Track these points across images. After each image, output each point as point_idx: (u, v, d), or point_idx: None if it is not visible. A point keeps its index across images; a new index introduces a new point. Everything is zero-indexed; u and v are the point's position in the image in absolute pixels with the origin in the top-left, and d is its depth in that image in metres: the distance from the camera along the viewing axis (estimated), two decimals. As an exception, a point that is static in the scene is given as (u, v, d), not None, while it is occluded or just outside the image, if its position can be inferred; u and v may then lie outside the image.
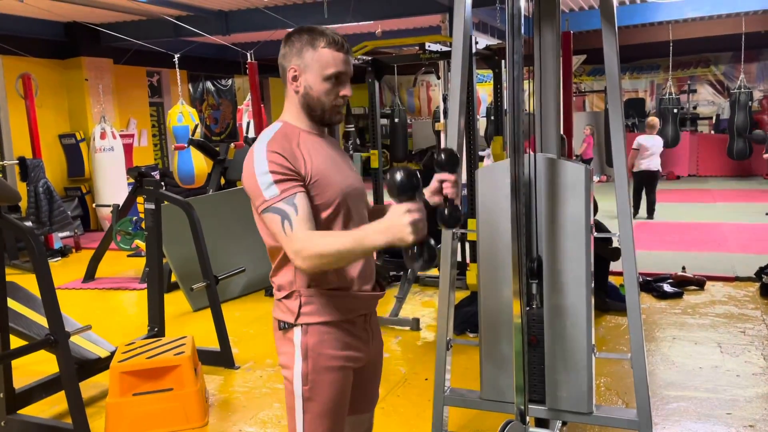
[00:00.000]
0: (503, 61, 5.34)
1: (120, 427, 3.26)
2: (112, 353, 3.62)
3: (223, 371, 4.14)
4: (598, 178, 13.04)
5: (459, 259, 5.68)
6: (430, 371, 3.89)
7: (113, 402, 3.27)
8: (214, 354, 4.21)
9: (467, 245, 5.78)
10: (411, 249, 1.46)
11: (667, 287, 5.38)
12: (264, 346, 4.55)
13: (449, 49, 5.54)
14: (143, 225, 5.23)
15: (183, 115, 8.30)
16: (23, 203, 7.49)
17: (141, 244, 6.10)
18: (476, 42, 5.02)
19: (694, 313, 4.93)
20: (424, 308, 5.30)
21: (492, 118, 6.79)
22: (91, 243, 8.08)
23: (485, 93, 13.20)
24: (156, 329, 4.02)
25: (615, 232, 2.35)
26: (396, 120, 13.45)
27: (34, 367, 3.99)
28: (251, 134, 9.16)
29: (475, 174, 2.59)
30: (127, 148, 10.03)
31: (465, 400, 2.59)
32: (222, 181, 7.80)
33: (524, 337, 2.18)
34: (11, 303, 3.44)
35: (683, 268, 5.72)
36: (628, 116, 13.26)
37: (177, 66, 8.32)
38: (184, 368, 3.34)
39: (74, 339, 3.53)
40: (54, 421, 3.46)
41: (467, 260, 5.76)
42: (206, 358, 4.11)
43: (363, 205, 1.85)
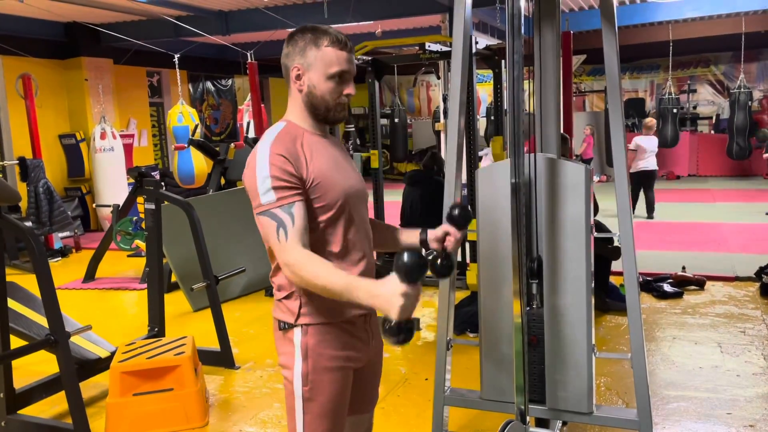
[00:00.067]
0: (503, 61, 5.34)
1: (120, 427, 3.26)
2: (113, 353, 3.62)
3: (223, 371, 4.15)
4: (598, 177, 13.03)
5: (459, 259, 5.68)
6: (430, 371, 3.89)
7: (113, 402, 3.27)
8: (214, 354, 4.22)
9: (467, 245, 5.78)
10: (391, 323, 1.44)
11: (667, 287, 5.38)
12: (264, 347, 4.55)
13: (449, 49, 5.54)
14: (143, 225, 5.23)
15: (183, 115, 8.29)
16: (23, 203, 7.49)
17: (141, 244, 6.10)
18: (476, 42, 5.03)
19: (695, 313, 4.94)
20: (424, 308, 5.30)
21: (492, 118, 6.79)
22: (91, 243, 8.08)
23: (485, 93, 13.20)
24: (156, 329, 4.02)
25: (615, 232, 2.35)
26: (396, 120, 13.45)
27: (35, 367, 4.00)
28: (251, 134, 9.16)
29: (475, 174, 2.59)
30: (127, 148, 10.03)
31: (465, 400, 2.60)
32: (222, 181, 7.79)
33: (524, 337, 2.18)
34: (11, 303, 3.44)
35: (683, 267, 5.72)
36: (628, 116, 13.26)
37: (177, 66, 8.32)
38: (185, 368, 3.34)
39: (74, 339, 3.53)
40: (54, 421, 3.46)
41: (467, 260, 5.76)
42: (206, 358, 4.11)
43: (364, 208, 1.85)
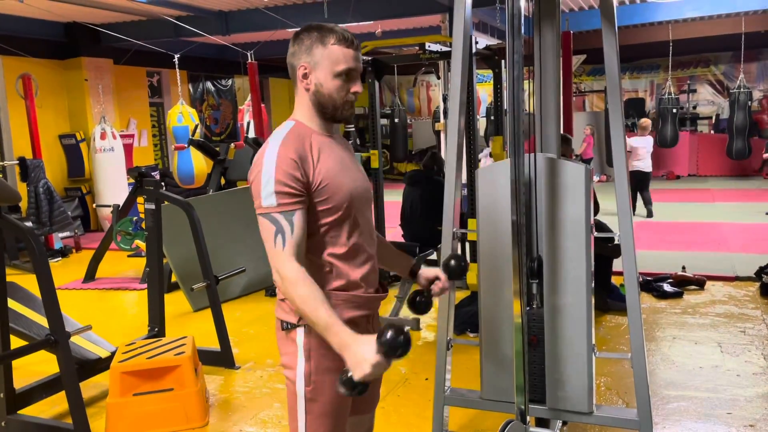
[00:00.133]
0: (503, 61, 5.34)
1: (120, 427, 3.26)
2: (113, 353, 3.62)
3: (223, 371, 4.15)
4: (598, 177, 13.03)
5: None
6: (430, 371, 3.89)
7: (113, 402, 3.28)
8: (214, 354, 4.22)
9: (467, 245, 5.78)
10: (350, 377, 1.51)
11: (667, 287, 5.38)
12: (264, 346, 4.55)
13: (449, 49, 5.54)
14: (143, 225, 5.23)
15: (183, 116, 8.30)
16: (23, 203, 7.48)
17: (141, 244, 6.10)
18: (476, 42, 5.02)
19: (695, 312, 4.94)
20: (425, 308, 5.29)
21: (492, 118, 6.79)
22: (92, 243, 8.08)
23: (485, 93, 13.20)
24: (156, 329, 4.02)
25: (615, 232, 2.35)
26: (396, 120, 13.44)
27: (35, 367, 4.00)
28: (251, 134, 9.16)
29: (475, 174, 2.59)
30: (127, 149, 10.03)
31: (465, 399, 2.60)
32: (222, 181, 7.79)
33: (524, 337, 2.18)
34: (11, 303, 3.44)
35: (683, 267, 5.72)
36: (628, 116, 13.25)
37: (177, 66, 8.32)
38: (185, 368, 3.34)
39: (74, 339, 3.53)
40: (54, 421, 3.46)
41: (467, 260, 5.75)
42: (206, 358, 4.11)
43: (369, 209, 1.85)
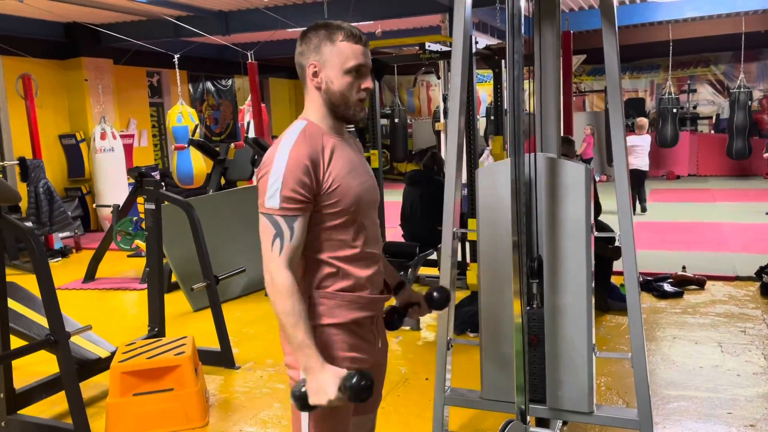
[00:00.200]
0: (503, 61, 5.34)
1: (120, 428, 3.26)
2: (113, 353, 3.62)
3: (223, 371, 4.15)
4: (599, 177, 13.03)
5: (459, 258, 5.68)
6: (430, 371, 3.89)
7: (113, 402, 3.27)
8: (214, 354, 4.21)
9: (467, 245, 5.78)
10: (304, 395, 1.58)
11: (667, 287, 5.38)
12: (264, 346, 4.55)
13: (449, 49, 5.54)
14: (143, 225, 5.23)
15: (182, 116, 8.30)
16: (23, 204, 7.48)
17: (141, 244, 6.10)
18: (476, 42, 5.02)
19: (695, 312, 4.93)
20: (425, 308, 5.29)
21: (492, 118, 6.79)
22: (92, 243, 8.08)
23: (485, 93, 13.20)
24: (156, 329, 4.02)
25: (616, 232, 2.35)
26: (396, 120, 13.44)
27: (35, 367, 4.00)
28: (251, 134, 9.16)
29: (475, 174, 2.59)
30: (128, 149, 10.03)
31: (465, 399, 2.60)
32: (222, 181, 7.80)
33: (525, 337, 2.18)
34: (11, 303, 3.44)
35: (683, 267, 5.71)
36: (628, 116, 13.25)
37: (177, 66, 8.32)
38: (185, 368, 3.34)
39: (74, 339, 3.53)
40: (54, 421, 3.46)
41: (467, 260, 5.76)
42: (207, 358, 4.11)
43: (376, 212, 1.84)
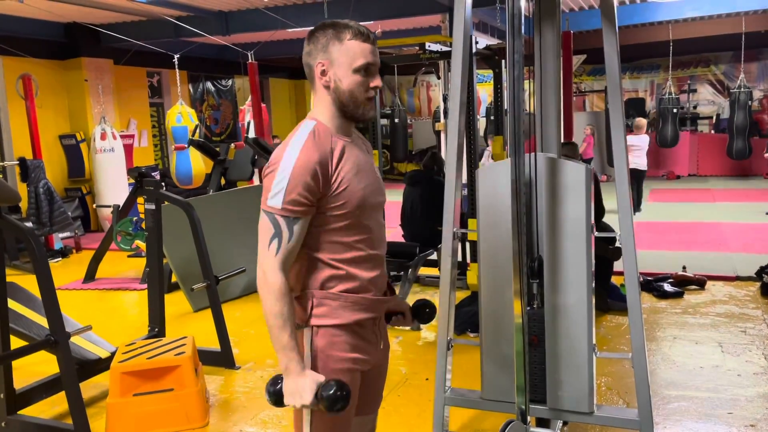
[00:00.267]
0: (503, 61, 5.34)
1: (120, 428, 3.26)
2: (113, 354, 3.61)
3: (223, 371, 4.15)
4: (599, 177, 13.03)
5: (459, 258, 5.68)
6: (430, 371, 3.89)
7: (114, 402, 3.27)
8: (214, 354, 4.21)
9: (468, 245, 5.78)
10: (279, 392, 1.64)
11: (667, 287, 5.38)
12: (265, 347, 4.54)
13: (449, 49, 5.54)
14: (143, 225, 5.23)
15: (182, 116, 8.29)
16: (23, 204, 7.48)
17: (141, 244, 6.10)
18: (476, 42, 5.02)
19: (695, 312, 4.93)
20: (425, 308, 5.29)
21: (492, 118, 6.79)
22: (92, 243, 8.07)
23: (485, 93, 13.20)
24: (156, 329, 4.02)
25: (617, 232, 2.35)
26: (396, 120, 13.43)
27: (35, 367, 3.99)
28: (251, 134, 9.16)
29: (475, 174, 2.59)
30: (128, 149, 10.02)
31: (466, 400, 2.59)
32: (222, 181, 7.79)
33: (525, 337, 2.18)
34: (12, 304, 3.44)
35: (684, 267, 5.71)
36: (628, 116, 13.24)
37: (177, 66, 8.32)
38: (185, 368, 3.34)
39: (74, 339, 3.52)
40: (54, 421, 3.46)
41: (468, 260, 5.76)
42: (207, 358, 4.11)
43: (381, 214, 1.83)
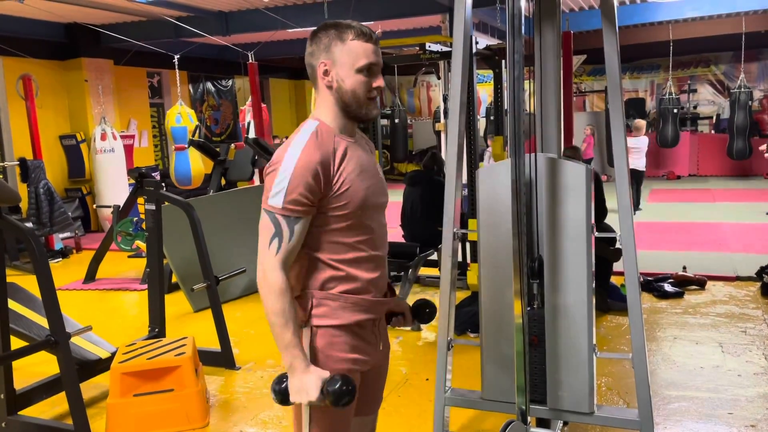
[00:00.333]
0: (503, 61, 5.34)
1: (121, 428, 3.26)
2: (113, 354, 3.62)
3: (223, 372, 4.14)
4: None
5: (460, 259, 5.68)
6: (431, 371, 3.89)
7: (114, 403, 3.27)
8: (214, 354, 4.21)
9: (468, 245, 5.78)
10: (285, 390, 1.66)
11: (667, 287, 5.38)
12: (265, 347, 4.54)
13: (449, 49, 5.54)
14: (144, 226, 5.23)
15: (181, 116, 8.29)
16: (24, 204, 7.49)
17: (141, 244, 6.10)
18: (476, 42, 5.02)
19: (695, 312, 4.93)
20: (425, 308, 5.29)
21: (492, 118, 6.79)
22: (92, 244, 8.07)
23: (485, 93, 13.20)
24: (157, 330, 4.02)
25: (617, 232, 2.34)
26: (396, 120, 13.43)
27: (35, 368, 3.99)
28: (252, 134, 9.16)
29: (475, 174, 2.59)
30: (128, 149, 10.02)
31: (466, 400, 2.59)
32: (222, 181, 7.80)
33: (525, 337, 2.18)
34: (12, 304, 3.44)
35: (684, 267, 5.71)
36: (628, 116, 13.24)
37: (177, 67, 8.32)
38: (185, 369, 3.34)
39: (75, 340, 3.53)
40: (55, 422, 3.46)
41: (468, 260, 5.76)
42: (207, 358, 4.11)
43: (383, 215, 1.83)
